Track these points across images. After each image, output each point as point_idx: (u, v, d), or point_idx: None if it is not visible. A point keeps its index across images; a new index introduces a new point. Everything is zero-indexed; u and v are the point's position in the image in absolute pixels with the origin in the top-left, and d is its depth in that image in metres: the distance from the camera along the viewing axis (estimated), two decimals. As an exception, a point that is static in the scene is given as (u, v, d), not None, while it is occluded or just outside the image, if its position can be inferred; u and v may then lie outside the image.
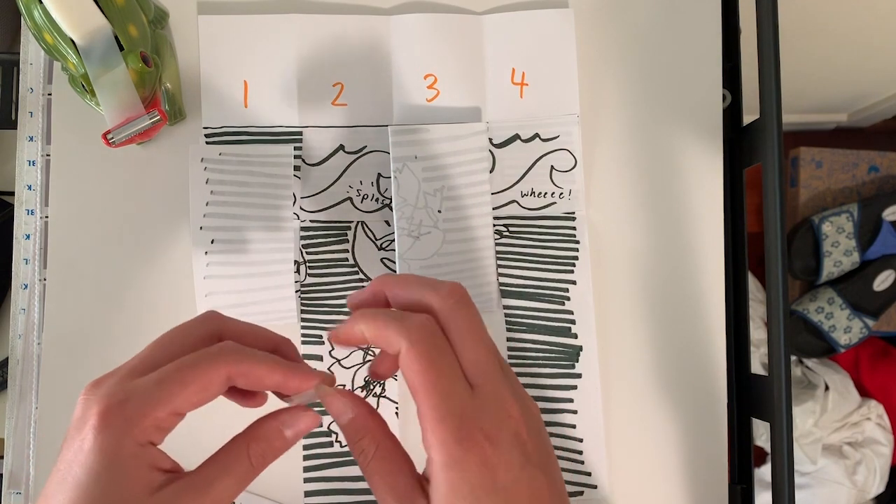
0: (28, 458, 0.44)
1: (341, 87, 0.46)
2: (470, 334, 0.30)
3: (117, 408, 0.26)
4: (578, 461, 0.45)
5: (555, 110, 0.47)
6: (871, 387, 1.18)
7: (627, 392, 0.46)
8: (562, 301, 0.46)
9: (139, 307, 0.44)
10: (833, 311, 1.15)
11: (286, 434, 0.30)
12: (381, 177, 0.46)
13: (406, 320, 0.29)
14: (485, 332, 0.31)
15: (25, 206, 0.46)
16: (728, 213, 0.48)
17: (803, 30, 0.87)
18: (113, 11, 0.39)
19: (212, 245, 0.44)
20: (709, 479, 0.46)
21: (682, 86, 0.48)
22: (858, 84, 1.11)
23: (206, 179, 0.44)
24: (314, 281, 0.45)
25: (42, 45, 0.40)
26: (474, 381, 0.30)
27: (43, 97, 0.46)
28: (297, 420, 0.30)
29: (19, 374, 0.44)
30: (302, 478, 0.44)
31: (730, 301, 0.48)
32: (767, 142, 0.43)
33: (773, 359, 0.43)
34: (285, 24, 0.46)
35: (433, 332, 0.30)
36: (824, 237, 1.16)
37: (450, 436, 0.28)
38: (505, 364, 0.32)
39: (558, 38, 0.47)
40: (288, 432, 0.30)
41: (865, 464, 1.12)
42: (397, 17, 0.46)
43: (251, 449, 0.29)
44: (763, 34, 0.43)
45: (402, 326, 0.29)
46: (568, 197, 0.47)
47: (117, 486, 0.26)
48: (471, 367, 0.30)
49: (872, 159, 1.21)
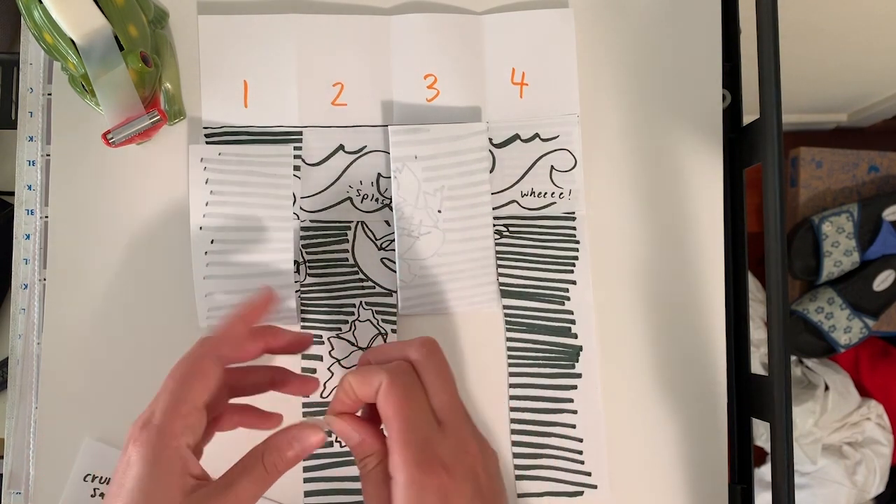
0: (28, 458, 0.44)
1: (341, 86, 0.46)
2: (440, 378, 0.35)
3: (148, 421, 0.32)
4: (578, 461, 0.45)
5: (555, 110, 0.47)
6: (871, 387, 1.18)
7: (627, 392, 0.46)
8: (562, 301, 0.46)
9: (139, 307, 0.44)
10: (833, 311, 1.15)
11: (295, 447, 0.34)
12: (380, 177, 0.46)
13: (386, 365, 0.35)
14: (453, 379, 0.36)
15: (25, 206, 0.46)
16: (728, 213, 0.48)
17: (803, 30, 0.87)
18: (113, 11, 0.39)
19: (211, 245, 0.44)
20: (709, 479, 0.46)
21: (682, 86, 0.48)
22: (858, 84, 1.11)
23: (205, 179, 0.44)
24: (314, 281, 0.45)
25: (42, 45, 0.40)
26: (441, 417, 0.34)
27: (43, 97, 0.46)
28: (307, 436, 0.35)
29: (19, 374, 0.44)
30: (302, 477, 0.44)
31: (730, 301, 0.48)
32: (767, 142, 0.43)
33: (773, 359, 0.43)
34: (285, 24, 0.46)
35: (408, 371, 0.35)
36: (824, 237, 1.16)
37: (412, 459, 0.32)
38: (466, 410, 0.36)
39: (558, 38, 0.47)
40: (297, 446, 0.34)
41: (865, 464, 1.12)
42: (397, 17, 0.46)
43: (265, 458, 0.34)
44: (763, 34, 0.43)
45: (383, 367, 0.34)
46: (568, 197, 0.47)
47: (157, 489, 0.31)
48: (440, 406, 0.34)
49: (872, 159, 1.21)
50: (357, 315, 0.45)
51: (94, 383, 0.44)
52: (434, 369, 0.35)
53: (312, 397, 0.44)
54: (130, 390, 0.43)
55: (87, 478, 0.42)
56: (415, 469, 0.32)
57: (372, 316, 0.45)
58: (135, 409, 0.43)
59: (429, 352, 0.36)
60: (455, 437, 0.34)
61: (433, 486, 0.32)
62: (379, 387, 0.34)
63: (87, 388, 0.43)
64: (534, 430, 0.45)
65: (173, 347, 0.43)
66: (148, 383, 0.43)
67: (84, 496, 0.42)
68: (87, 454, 0.42)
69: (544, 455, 0.45)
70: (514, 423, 0.45)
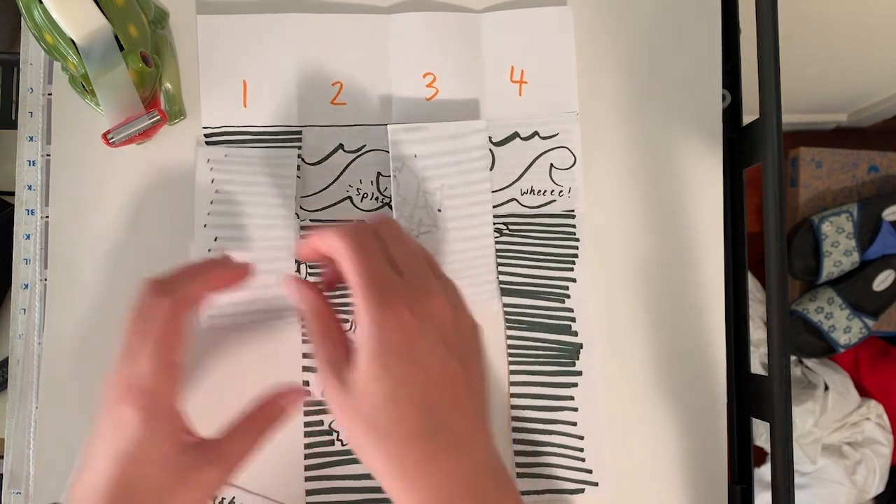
0: (28, 458, 0.44)
1: (340, 86, 0.46)
2: (398, 237, 0.36)
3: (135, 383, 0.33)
4: (579, 458, 0.45)
5: (554, 108, 0.47)
6: (871, 387, 1.18)
7: (627, 390, 0.46)
8: (562, 299, 0.46)
9: (139, 307, 0.44)
10: (833, 311, 1.15)
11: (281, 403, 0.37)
12: (380, 176, 0.46)
13: (343, 225, 0.36)
14: (412, 238, 0.37)
15: (25, 206, 0.46)
16: (728, 212, 0.48)
17: (803, 30, 0.87)
18: (113, 11, 0.39)
19: (215, 243, 0.44)
20: (709, 478, 0.46)
21: (682, 85, 0.48)
22: (858, 84, 1.12)
23: (211, 179, 0.45)
24: (315, 280, 0.45)
25: (42, 45, 0.40)
26: (402, 269, 0.35)
27: (43, 97, 0.46)
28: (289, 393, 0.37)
29: (19, 374, 0.44)
30: (303, 476, 0.44)
31: (730, 301, 0.48)
32: (767, 142, 0.43)
33: (773, 359, 0.43)
34: (284, 23, 0.46)
35: (364, 228, 0.36)
36: (824, 237, 1.16)
37: (375, 301, 0.33)
38: (443, 274, 0.37)
39: (557, 36, 0.47)
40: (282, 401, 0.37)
41: (865, 464, 1.12)
42: (396, 15, 0.46)
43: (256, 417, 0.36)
44: (763, 34, 0.43)
45: (339, 227, 0.35)
46: (567, 195, 0.47)
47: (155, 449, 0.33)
48: (400, 259, 0.35)
49: (872, 159, 1.21)
50: (357, 314, 0.45)
51: (95, 383, 0.43)
52: (391, 231, 0.36)
53: (312, 397, 0.44)
54: (130, 390, 0.43)
55: (88, 477, 0.42)
56: (378, 310, 0.33)
57: (372, 315, 0.45)
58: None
59: (382, 217, 0.37)
60: (418, 285, 0.34)
61: (396, 328, 0.33)
62: (333, 240, 0.35)
63: (87, 388, 0.43)
64: (535, 428, 0.45)
65: (173, 347, 0.44)
66: (148, 383, 0.43)
67: (84, 496, 0.42)
68: (88, 454, 0.42)
69: (545, 453, 0.45)
70: (515, 420, 0.45)
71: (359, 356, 0.33)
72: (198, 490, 0.33)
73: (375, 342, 0.33)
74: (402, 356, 0.33)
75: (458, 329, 0.35)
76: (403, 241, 0.36)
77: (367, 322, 0.33)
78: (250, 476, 0.43)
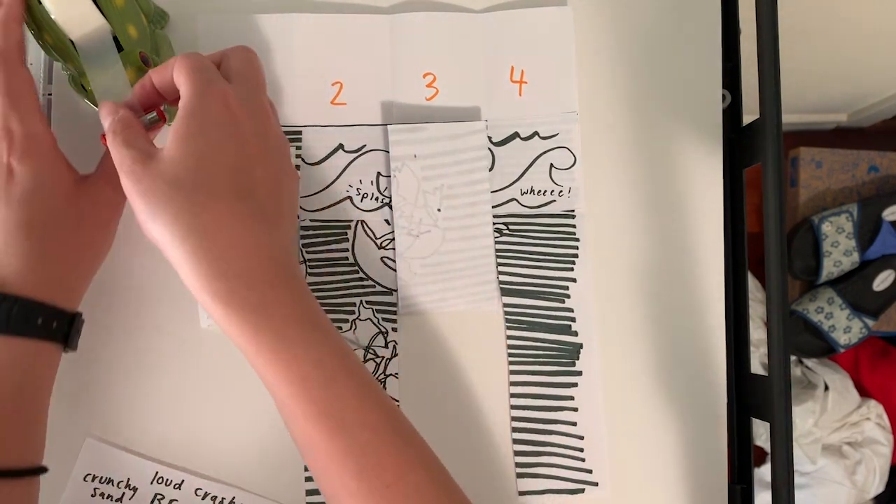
0: (28, 457, 0.44)
1: (340, 86, 0.46)
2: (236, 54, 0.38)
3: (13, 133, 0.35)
4: (579, 458, 0.45)
5: (554, 108, 0.47)
6: (871, 387, 1.18)
7: (627, 390, 0.46)
8: (562, 299, 0.46)
9: (140, 306, 0.44)
10: (833, 311, 1.15)
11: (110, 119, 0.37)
12: (380, 175, 0.46)
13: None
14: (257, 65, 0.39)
15: (25, 206, 0.45)
16: (728, 212, 0.48)
17: (803, 30, 0.87)
18: (112, 12, 0.39)
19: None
20: (709, 479, 0.46)
21: (682, 85, 0.48)
22: (858, 84, 1.12)
23: None
24: (314, 280, 0.45)
25: (42, 45, 0.40)
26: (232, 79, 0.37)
27: (43, 97, 0.46)
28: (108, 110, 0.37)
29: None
30: (303, 476, 0.44)
31: (730, 301, 0.48)
32: (767, 142, 0.43)
33: (773, 359, 0.43)
34: (285, 23, 0.46)
35: (200, 55, 0.37)
36: (824, 237, 1.16)
37: (200, 80, 0.35)
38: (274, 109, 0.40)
39: (557, 36, 0.47)
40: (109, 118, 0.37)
41: (865, 464, 1.12)
42: (396, 15, 0.46)
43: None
44: (763, 34, 0.43)
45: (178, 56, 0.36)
46: (567, 195, 0.47)
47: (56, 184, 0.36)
48: (232, 68, 0.37)
49: (872, 159, 1.21)
50: (357, 314, 0.45)
51: (94, 383, 0.44)
52: (238, 55, 0.38)
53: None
54: (131, 390, 0.43)
55: (88, 478, 0.42)
56: (204, 86, 0.35)
57: (372, 315, 0.45)
58: (136, 408, 0.43)
59: (241, 48, 0.39)
60: (244, 91, 0.36)
61: (219, 99, 0.35)
62: (173, 66, 0.36)
63: (87, 388, 0.43)
64: (535, 428, 0.45)
65: (174, 347, 0.44)
66: (149, 383, 0.43)
67: (84, 496, 0.42)
68: (88, 454, 0.42)
69: (545, 453, 0.45)
70: (515, 420, 0.45)
71: (172, 127, 0.34)
72: (106, 210, 0.38)
73: (195, 105, 0.34)
74: (220, 122, 0.35)
75: (276, 135, 0.38)
76: (241, 54, 0.38)
77: (189, 92, 0.35)
78: (250, 476, 0.43)
